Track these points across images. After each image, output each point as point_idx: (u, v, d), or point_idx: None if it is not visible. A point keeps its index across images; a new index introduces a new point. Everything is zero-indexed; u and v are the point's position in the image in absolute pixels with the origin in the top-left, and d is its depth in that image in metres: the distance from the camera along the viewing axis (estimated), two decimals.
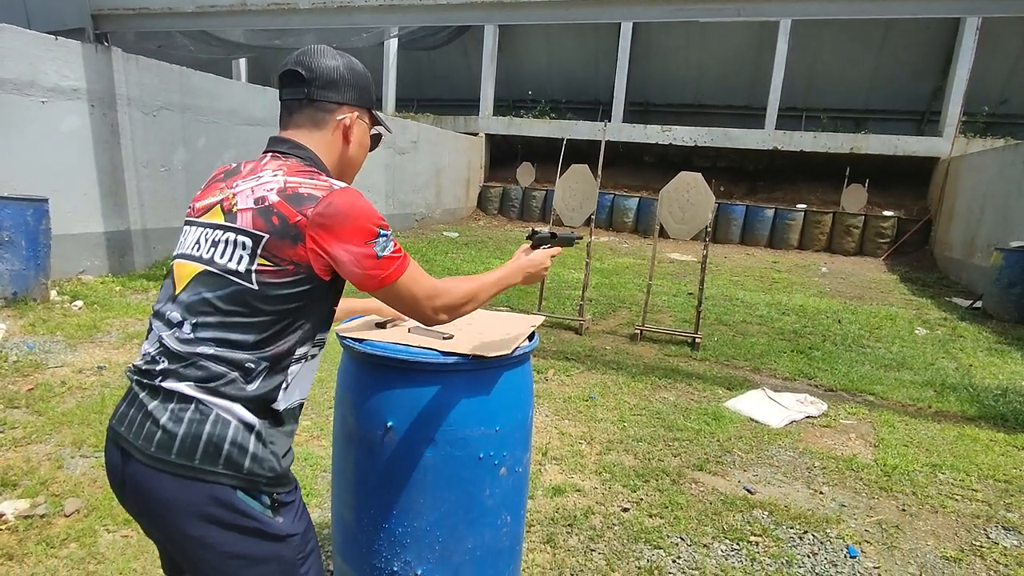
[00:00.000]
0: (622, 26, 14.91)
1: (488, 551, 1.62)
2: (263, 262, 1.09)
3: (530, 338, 1.69)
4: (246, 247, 1.10)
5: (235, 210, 1.13)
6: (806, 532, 2.60)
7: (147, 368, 1.12)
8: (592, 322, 5.93)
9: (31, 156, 5.71)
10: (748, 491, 2.91)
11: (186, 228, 1.22)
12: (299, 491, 1.19)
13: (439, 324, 1.30)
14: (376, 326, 1.67)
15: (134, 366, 1.16)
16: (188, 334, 1.09)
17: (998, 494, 3.04)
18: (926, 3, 5.41)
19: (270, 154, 1.23)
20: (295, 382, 1.16)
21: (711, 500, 2.81)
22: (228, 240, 1.11)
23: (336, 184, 1.15)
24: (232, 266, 1.10)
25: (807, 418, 3.88)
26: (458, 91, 17.82)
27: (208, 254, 1.13)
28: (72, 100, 6.06)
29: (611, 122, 14.42)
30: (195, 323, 1.09)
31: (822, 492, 2.97)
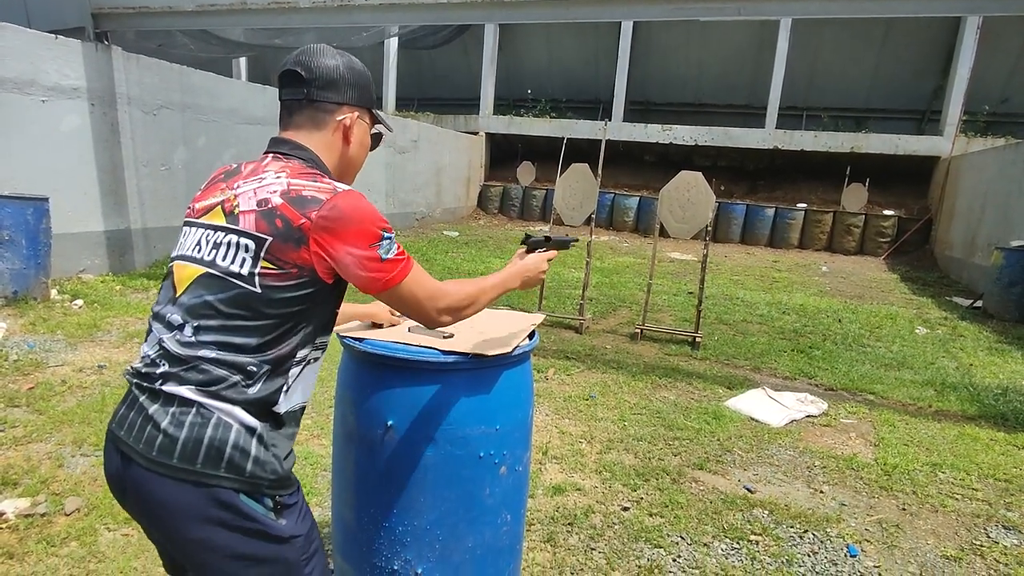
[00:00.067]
0: (622, 25, 14.92)
1: (488, 550, 1.62)
2: (266, 265, 1.08)
3: (530, 337, 1.69)
4: (249, 250, 1.09)
5: (237, 212, 1.12)
6: (806, 531, 2.60)
7: (147, 371, 1.11)
8: (592, 321, 5.93)
9: (31, 155, 5.71)
10: (748, 490, 2.92)
11: (185, 229, 1.21)
12: (301, 492, 1.19)
13: (441, 326, 1.29)
14: (373, 325, 1.68)
15: (133, 369, 1.14)
16: (189, 337, 1.08)
17: (998, 493, 3.04)
18: (927, 2, 5.40)
19: (271, 155, 1.22)
20: (296, 385, 1.15)
21: (711, 499, 2.81)
22: (230, 242, 1.11)
23: (340, 187, 1.14)
24: (235, 269, 1.09)
25: (807, 417, 3.89)
26: (458, 90, 17.81)
27: (210, 256, 1.12)
28: (72, 99, 6.06)
29: (611, 121, 14.42)
30: (197, 326, 1.08)
31: (822, 491, 2.97)
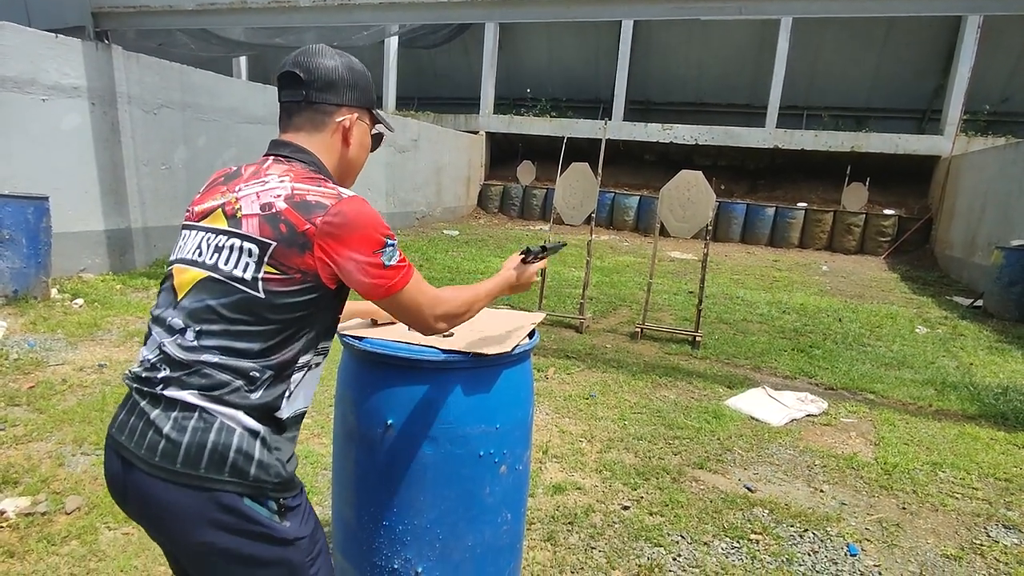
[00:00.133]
0: (623, 24, 14.90)
1: (488, 549, 1.62)
2: (270, 270, 1.07)
3: (530, 336, 1.69)
4: (252, 254, 1.08)
5: (240, 215, 1.11)
6: (806, 530, 2.60)
7: (147, 376, 1.10)
8: (592, 320, 5.93)
9: (32, 154, 5.71)
10: (748, 489, 2.92)
11: (185, 232, 1.20)
12: (304, 494, 1.18)
13: (437, 333, 1.30)
14: (373, 323, 1.68)
15: (133, 373, 1.13)
16: (191, 341, 1.07)
17: (998, 492, 3.04)
18: (927, 1, 5.40)
19: (272, 158, 1.21)
20: (299, 391, 1.15)
21: (711, 498, 2.81)
22: (233, 246, 1.10)
23: (344, 192, 1.13)
24: (238, 273, 1.08)
25: (807, 416, 3.89)
26: (459, 89, 17.81)
27: (212, 260, 1.11)
28: (73, 98, 6.06)
29: (612, 120, 14.41)
30: (199, 330, 1.07)
31: (822, 490, 2.97)
